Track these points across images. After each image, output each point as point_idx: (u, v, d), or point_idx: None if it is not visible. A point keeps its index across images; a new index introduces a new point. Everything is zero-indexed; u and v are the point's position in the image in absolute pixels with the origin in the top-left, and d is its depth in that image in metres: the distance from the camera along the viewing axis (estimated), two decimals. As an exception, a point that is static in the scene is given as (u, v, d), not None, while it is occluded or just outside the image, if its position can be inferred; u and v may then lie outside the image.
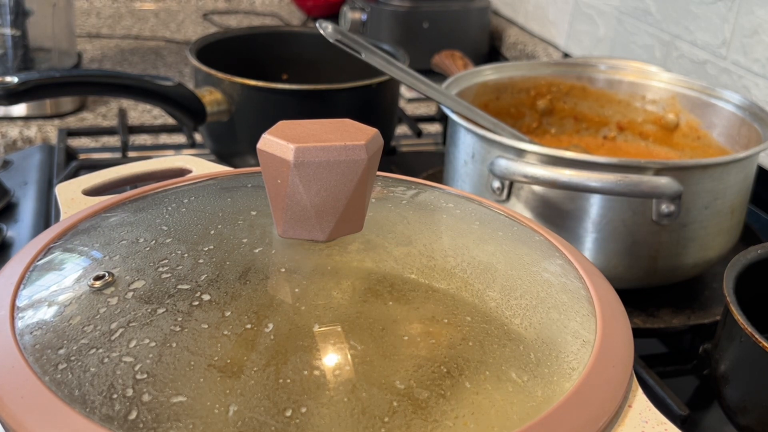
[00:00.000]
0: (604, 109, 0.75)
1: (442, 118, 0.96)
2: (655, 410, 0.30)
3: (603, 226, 0.56)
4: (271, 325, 0.29)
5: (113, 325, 0.29)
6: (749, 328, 0.43)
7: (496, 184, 0.57)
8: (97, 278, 0.31)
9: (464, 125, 0.59)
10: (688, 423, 0.50)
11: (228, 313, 0.30)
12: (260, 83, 0.73)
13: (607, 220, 0.56)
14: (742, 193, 0.59)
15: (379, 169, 0.37)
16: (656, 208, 0.54)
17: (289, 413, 0.26)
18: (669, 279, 0.60)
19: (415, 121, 0.95)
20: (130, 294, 0.31)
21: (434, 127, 0.99)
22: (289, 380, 0.27)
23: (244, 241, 0.34)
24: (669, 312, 0.60)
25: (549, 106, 0.76)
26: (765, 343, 0.42)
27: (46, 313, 0.31)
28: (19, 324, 0.30)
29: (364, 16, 1.15)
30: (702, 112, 0.70)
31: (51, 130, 0.93)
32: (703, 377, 0.57)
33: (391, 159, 0.86)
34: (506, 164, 0.55)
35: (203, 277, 0.31)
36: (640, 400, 0.30)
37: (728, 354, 0.46)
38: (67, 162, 0.80)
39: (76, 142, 0.90)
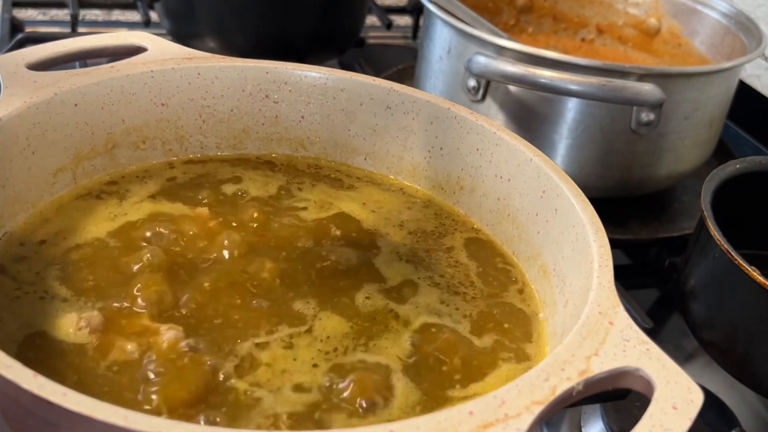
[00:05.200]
0: (585, 10, 0.72)
1: (413, 10, 0.92)
2: (636, 328, 0.29)
3: (579, 132, 0.54)
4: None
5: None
6: (725, 245, 0.42)
7: (472, 83, 0.54)
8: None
9: (442, 17, 0.56)
10: (651, 336, 0.49)
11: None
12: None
13: (584, 126, 0.53)
14: (722, 105, 0.57)
15: (347, 63, 0.34)
16: (636, 116, 0.52)
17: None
18: (641, 190, 0.58)
19: (385, 12, 0.91)
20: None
21: (404, 20, 0.95)
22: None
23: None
24: (637, 224, 0.58)
25: (528, 3, 0.72)
26: (740, 260, 0.41)
27: None
28: None
29: None
30: (686, 18, 0.67)
31: (-6, -1, 0.86)
32: (665, 291, 0.57)
33: (359, 52, 0.82)
34: (485, 62, 0.52)
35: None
36: (621, 318, 0.29)
37: (699, 269, 0.45)
38: (12, 34, 0.75)
39: (21, 14, 0.84)
